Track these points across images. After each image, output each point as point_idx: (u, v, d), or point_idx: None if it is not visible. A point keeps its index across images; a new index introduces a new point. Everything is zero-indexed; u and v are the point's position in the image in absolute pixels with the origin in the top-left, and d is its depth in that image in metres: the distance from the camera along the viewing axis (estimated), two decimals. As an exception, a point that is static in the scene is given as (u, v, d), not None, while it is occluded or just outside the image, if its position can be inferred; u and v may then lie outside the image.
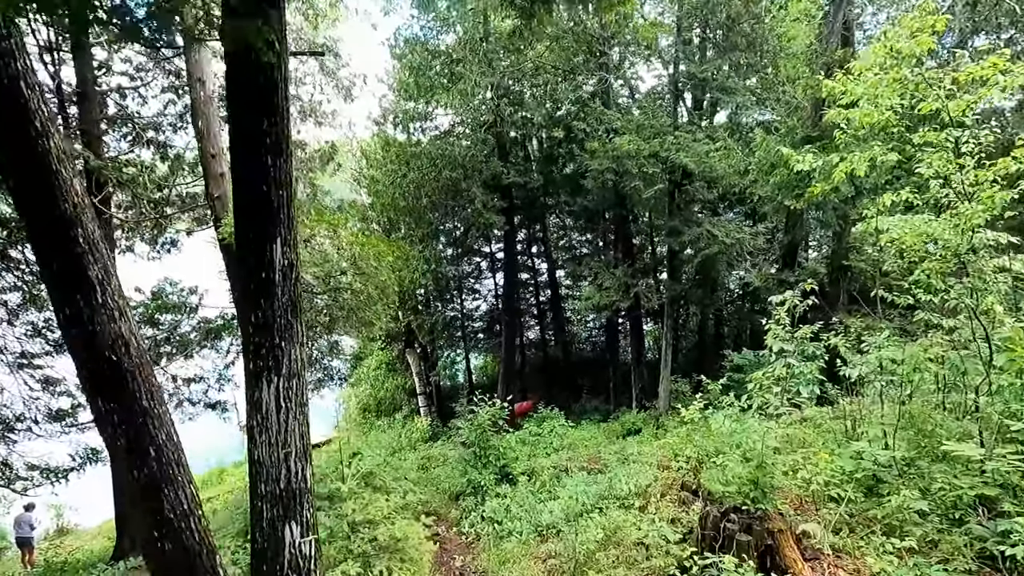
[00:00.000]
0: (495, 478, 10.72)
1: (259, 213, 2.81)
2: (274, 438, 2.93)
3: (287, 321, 2.93)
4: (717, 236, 14.41)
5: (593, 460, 12.13)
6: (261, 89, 2.72)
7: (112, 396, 2.92)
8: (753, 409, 7.57)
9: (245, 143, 2.78)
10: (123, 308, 3.03)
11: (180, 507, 3.04)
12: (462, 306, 27.10)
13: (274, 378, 2.92)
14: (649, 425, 16.94)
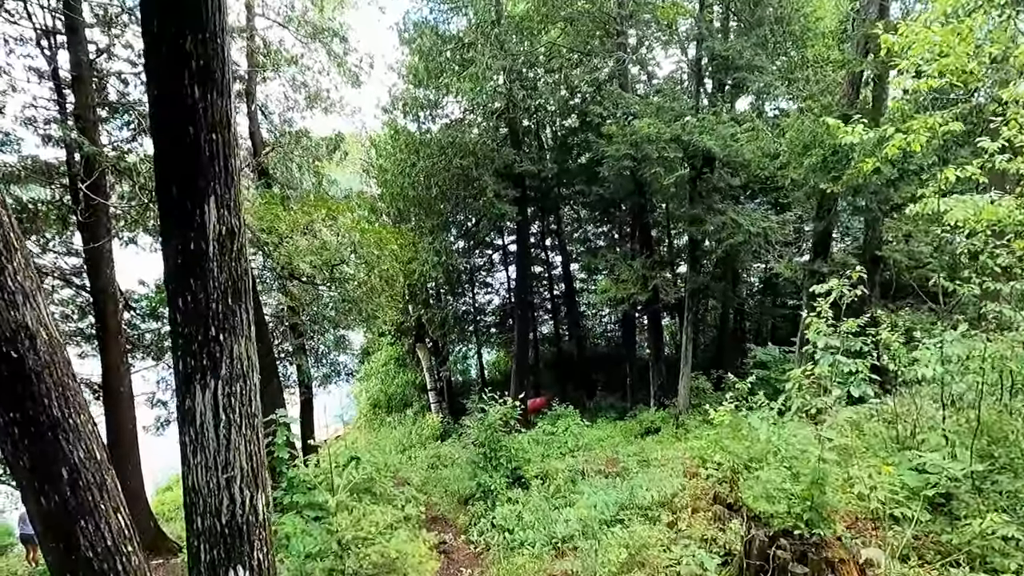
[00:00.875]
0: (506, 481, 10.04)
1: (184, 163, 2.10)
2: (212, 459, 2.25)
3: (227, 307, 2.24)
4: (742, 225, 13.59)
5: (611, 463, 11.41)
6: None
7: (11, 403, 2.27)
8: (792, 411, 6.80)
9: (162, 67, 2.08)
10: (30, 291, 2.36)
11: (102, 544, 2.38)
12: (474, 300, 26.44)
13: (210, 381, 2.23)
14: (668, 424, 16.17)
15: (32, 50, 13.63)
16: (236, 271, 2.30)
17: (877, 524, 4.99)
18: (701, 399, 16.94)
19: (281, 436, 6.34)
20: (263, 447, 2.53)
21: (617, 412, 20.68)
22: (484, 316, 27.53)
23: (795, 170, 10.11)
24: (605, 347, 31.19)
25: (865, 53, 10.41)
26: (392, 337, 25.22)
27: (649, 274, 16.42)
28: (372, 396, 27.97)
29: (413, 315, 23.52)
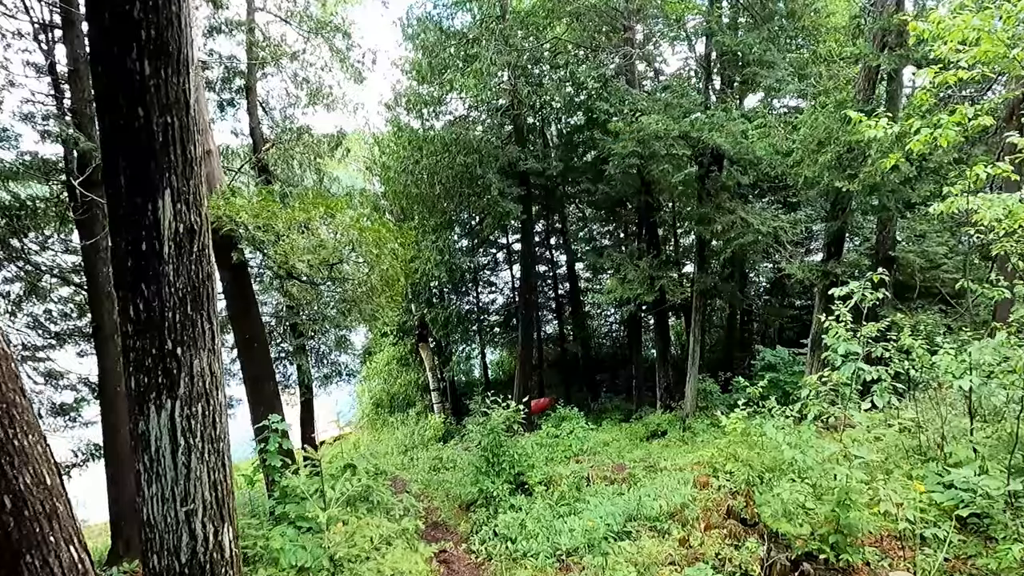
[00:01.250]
0: (509, 487, 9.75)
1: (133, 151, 1.80)
2: (169, 489, 1.96)
3: (185, 317, 1.94)
4: (752, 224, 13.25)
5: (618, 468, 11.11)
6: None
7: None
8: (809, 420, 6.49)
9: (105, 36, 1.79)
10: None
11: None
12: (478, 299, 26.15)
13: (167, 402, 1.94)
14: (675, 427, 15.86)
15: (30, 44, 13.44)
16: (197, 275, 2.00)
17: (904, 544, 4.67)
18: (708, 402, 16.62)
19: (273, 443, 6.06)
20: (231, 474, 2.24)
21: (622, 414, 20.38)
22: (488, 316, 27.24)
23: (809, 167, 9.77)
24: (610, 347, 30.87)
25: (882, 47, 10.05)
26: (395, 337, 24.96)
27: (656, 274, 16.09)
28: (375, 396, 27.72)
29: (416, 314, 23.25)
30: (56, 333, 15.99)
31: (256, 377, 9.16)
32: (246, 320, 8.98)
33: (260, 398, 9.19)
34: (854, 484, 4.06)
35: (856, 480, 4.08)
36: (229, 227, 8.18)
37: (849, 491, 4.05)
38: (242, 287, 8.83)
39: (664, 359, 17.98)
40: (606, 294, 16.06)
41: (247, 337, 8.98)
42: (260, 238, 8.11)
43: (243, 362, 9.34)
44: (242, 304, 8.90)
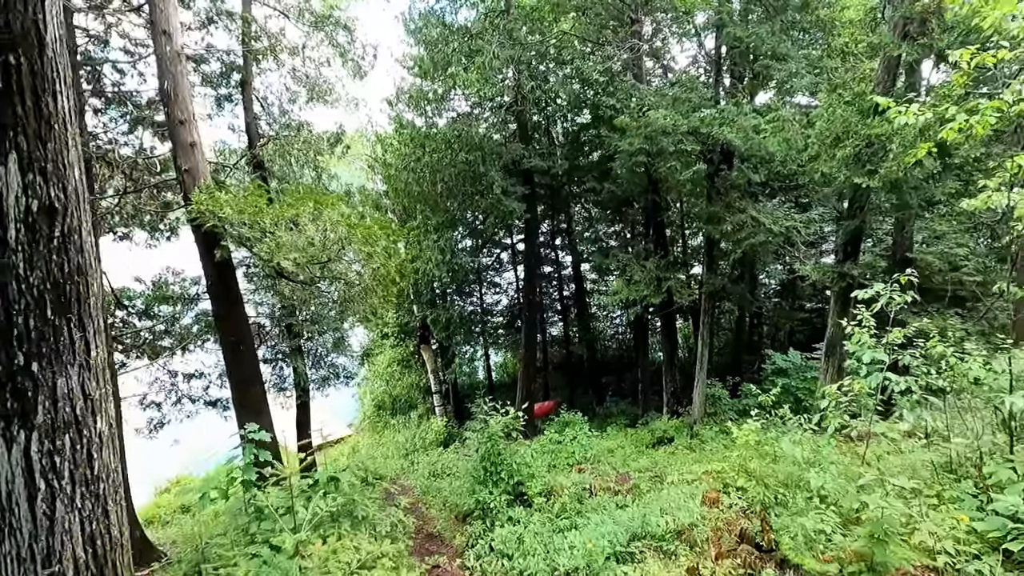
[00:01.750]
0: (507, 498, 9.27)
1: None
2: (26, 547, 1.50)
3: (43, 322, 1.48)
4: (763, 223, 12.73)
5: (622, 479, 10.61)
6: None
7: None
8: (829, 433, 5.99)
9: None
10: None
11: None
12: (482, 300, 25.70)
13: (19, 433, 1.47)
14: (682, 434, 15.33)
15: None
16: (62, 269, 1.53)
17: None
18: (717, 408, 16.10)
19: (248, 455, 5.61)
20: (123, 521, 1.77)
21: (628, 419, 19.86)
22: (492, 317, 26.78)
23: (826, 163, 9.24)
24: (616, 350, 30.37)
25: (903, 36, 9.52)
26: (395, 338, 24.55)
27: (663, 275, 15.57)
28: (377, 398, 27.34)
29: (418, 315, 22.83)
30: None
31: (243, 381, 8.73)
32: (231, 321, 8.55)
33: (246, 402, 8.77)
34: (891, 515, 3.56)
35: (894, 511, 3.57)
36: (212, 222, 7.76)
37: (885, 523, 3.55)
38: (227, 286, 8.41)
39: (671, 363, 17.45)
40: (612, 295, 15.56)
41: (233, 339, 8.55)
42: (245, 235, 7.67)
43: (228, 365, 8.92)
44: (227, 304, 8.48)
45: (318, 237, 7.48)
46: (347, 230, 7.50)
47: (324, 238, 7.70)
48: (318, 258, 7.98)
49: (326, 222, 7.52)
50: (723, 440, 14.05)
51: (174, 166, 8.35)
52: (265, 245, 7.49)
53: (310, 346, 16.07)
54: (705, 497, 7.00)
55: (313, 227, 7.51)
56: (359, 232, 7.74)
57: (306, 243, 7.71)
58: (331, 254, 7.97)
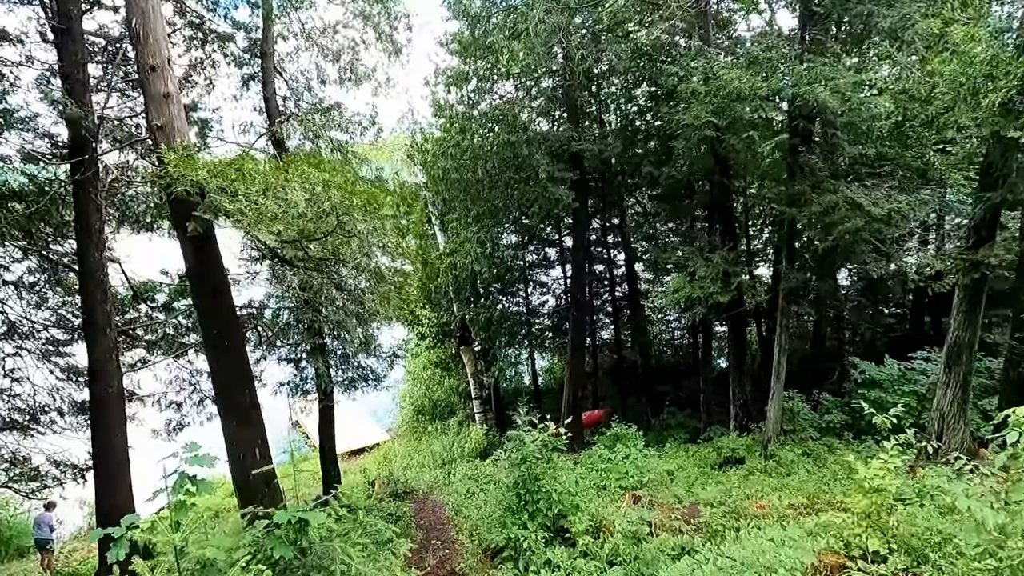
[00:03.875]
0: (545, 535, 7.49)
1: None
2: None
3: None
4: (862, 205, 10.53)
5: (689, 512, 8.65)
6: None
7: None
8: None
9: None
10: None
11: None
12: (527, 300, 23.93)
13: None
14: (754, 454, 13.17)
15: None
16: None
17: None
18: (795, 424, 13.83)
19: (180, 485, 4.05)
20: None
21: (687, 432, 17.74)
22: (538, 318, 25.00)
23: (967, 113, 7.10)
24: (671, 356, 28.09)
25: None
26: (433, 339, 23.08)
27: (732, 270, 13.48)
28: (416, 402, 26.02)
29: (457, 314, 21.29)
30: (80, 327, 14.73)
31: (227, 385, 7.27)
32: (214, 310, 7.10)
33: (233, 409, 7.30)
34: None
35: None
36: (183, 187, 6.30)
37: None
38: (207, 267, 6.96)
39: (740, 371, 15.25)
40: (671, 294, 13.55)
41: (215, 332, 7.11)
42: (221, 203, 6.16)
43: (211, 364, 7.51)
44: (208, 289, 7.03)
45: (303, 203, 5.90)
46: (340, 194, 5.90)
47: (315, 206, 6.13)
48: (310, 232, 6.41)
49: (313, 184, 5.94)
50: (807, 464, 11.86)
51: (146, 122, 7.00)
52: (242, 212, 5.97)
53: (337, 346, 14.71)
54: (820, 561, 5.02)
55: (299, 189, 5.93)
56: (358, 199, 6.13)
57: (295, 214, 6.16)
58: (326, 226, 6.39)
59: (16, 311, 14.37)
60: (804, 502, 9.26)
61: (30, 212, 13.39)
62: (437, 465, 19.49)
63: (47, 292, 14.86)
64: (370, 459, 22.24)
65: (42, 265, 14.46)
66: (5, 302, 14.21)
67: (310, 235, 6.44)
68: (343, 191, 5.92)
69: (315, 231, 6.44)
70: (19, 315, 14.42)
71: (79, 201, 10.81)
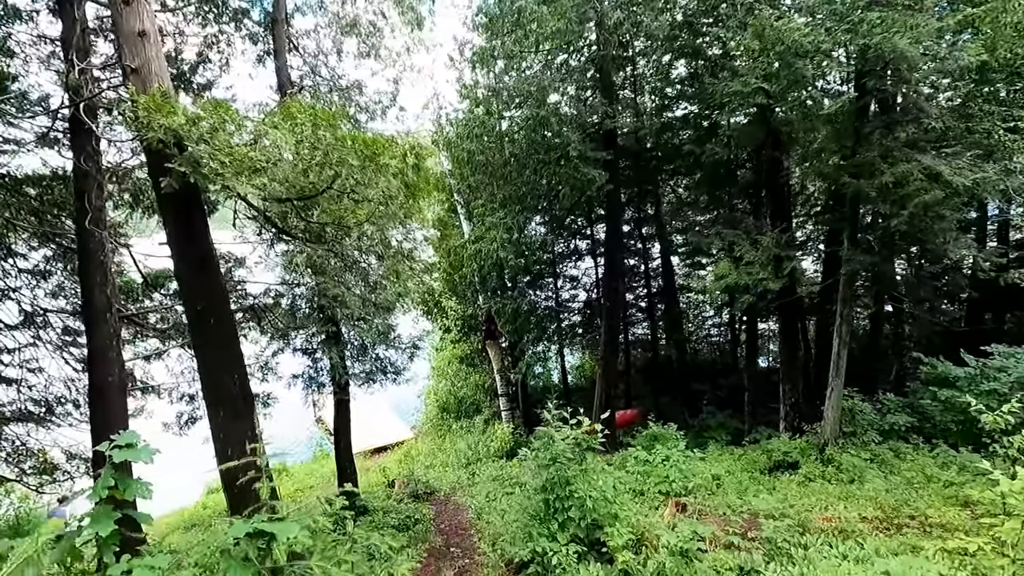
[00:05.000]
0: (577, 549, 6.38)
1: None
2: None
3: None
4: (941, 175, 9.15)
5: (747, 525, 7.45)
6: None
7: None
8: None
9: None
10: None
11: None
12: (556, 294, 22.76)
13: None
14: (809, 458, 11.81)
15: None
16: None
17: None
18: (855, 425, 12.41)
19: (98, 491, 3.08)
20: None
21: (729, 434, 16.38)
22: (568, 314, 23.82)
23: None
24: (707, 353, 26.64)
25: None
26: (459, 332, 22.10)
27: (784, 254, 12.16)
28: (441, 399, 25.11)
29: (483, 306, 20.27)
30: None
31: (213, 370, 6.34)
32: (198, 282, 6.18)
33: (219, 399, 6.37)
34: None
35: None
36: (157, 137, 5.38)
37: None
38: (189, 231, 6.04)
39: (791, 367, 13.87)
40: (716, 281, 12.28)
41: (199, 309, 6.18)
42: (198, 155, 5.22)
43: (195, 346, 6.60)
44: (190, 258, 6.11)
45: (289, 148, 4.92)
46: (331, 136, 4.90)
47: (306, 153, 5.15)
48: (302, 188, 5.43)
49: (301, 129, 4.96)
50: (873, 470, 10.48)
51: (119, 66, 6.12)
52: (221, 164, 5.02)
53: (354, 336, 13.82)
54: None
55: (285, 131, 4.95)
56: (355, 149, 5.13)
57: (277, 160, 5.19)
58: (318, 182, 5.40)
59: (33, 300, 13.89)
60: (878, 515, 7.97)
61: (44, 198, 12.91)
62: (461, 465, 18.51)
63: (64, 281, 14.37)
64: (392, 457, 21.39)
65: (58, 253, 13.96)
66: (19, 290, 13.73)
67: (302, 192, 5.45)
68: (333, 131, 4.92)
69: (307, 188, 5.45)
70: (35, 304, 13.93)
71: (78, 176, 10.11)
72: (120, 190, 13.96)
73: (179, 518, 17.49)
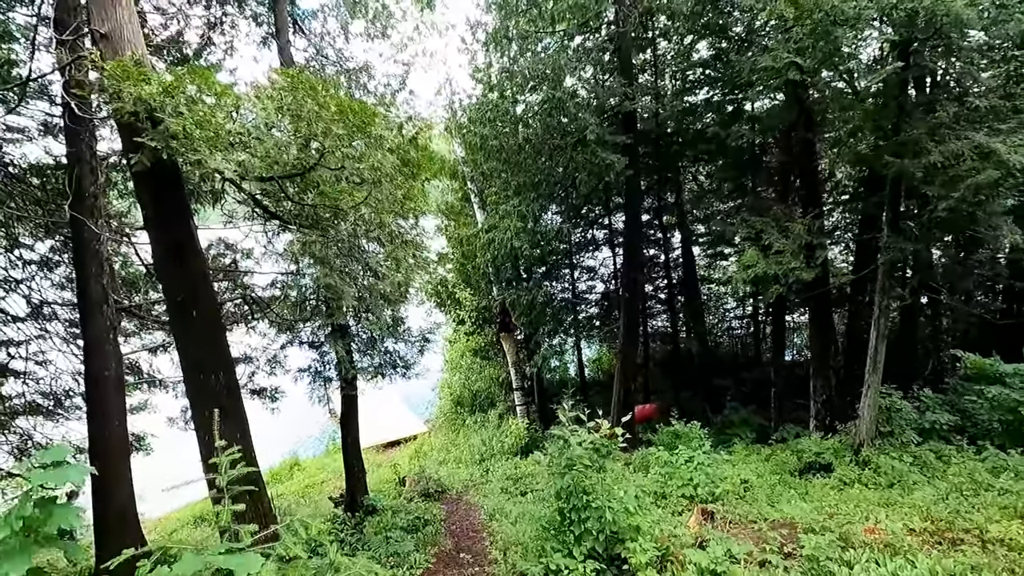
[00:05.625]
0: (595, 567, 5.75)
1: None
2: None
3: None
4: (995, 153, 8.33)
5: (786, 540, 6.76)
6: None
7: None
8: None
9: None
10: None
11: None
12: (573, 285, 22.06)
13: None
14: (843, 459, 11.07)
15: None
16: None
17: None
18: (892, 425, 11.61)
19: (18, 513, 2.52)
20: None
21: (754, 431, 15.65)
22: (585, 306, 23.12)
23: None
24: (729, 347, 25.83)
25: None
26: (473, 324, 21.52)
27: (817, 242, 11.39)
28: (455, 392, 24.59)
29: (497, 298, 19.65)
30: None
31: (196, 365, 5.80)
32: (177, 269, 5.64)
33: (203, 397, 5.83)
34: None
35: None
36: (128, 110, 4.82)
37: None
38: (167, 212, 5.49)
39: (822, 362, 13.08)
40: (743, 271, 11.51)
41: (179, 299, 5.64)
42: (171, 127, 4.65)
43: (176, 339, 6.06)
44: (168, 243, 5.56)
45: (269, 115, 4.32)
46: (315, 105, 4.28)
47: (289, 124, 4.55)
48: (284, 165, 4.84)
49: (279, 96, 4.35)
50: (914, 473, 9.72)
51: (88, 30, 5.56)
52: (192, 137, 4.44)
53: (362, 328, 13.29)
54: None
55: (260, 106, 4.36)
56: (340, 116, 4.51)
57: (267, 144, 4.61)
58: (305, 159, 4.81)
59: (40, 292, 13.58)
60: (928, 527, 7.24)
61: (47, 187, 12.55)
62: (474, 461, 17.98)
63: (71, 272, 14.04)
64: (404, 452, 20.94)
65: (63, 244, 13.61)
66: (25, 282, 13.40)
67: (287, 169, 4.86)
68: (314, 97, 4.30)
69: (293, 165, 4.86)
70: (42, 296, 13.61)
71: (71, 161, 9.65)
72: (124, 179, 13.58)
73: (188, 513, 17.18)
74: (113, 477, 9.94)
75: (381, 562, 8.80)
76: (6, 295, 12.87)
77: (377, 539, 9.81)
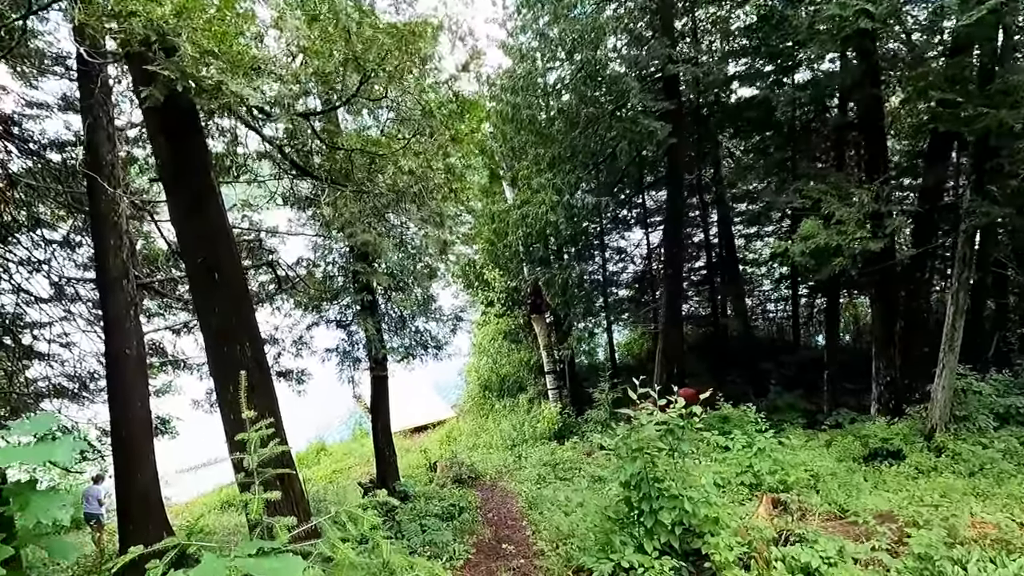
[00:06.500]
0: (672, 564, 5.01)
1: None
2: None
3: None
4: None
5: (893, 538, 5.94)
6: None
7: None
8: None
9: None
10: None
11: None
12: (604, 267, 21.18)
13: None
14: (913, 445, 10.16)
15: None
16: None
17: None
18: (967, 409, 10.63)
19: None
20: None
21: (802, 415, 14.75)
22: (616, 289, 22.26)
23: None
24: (765, 329, 24.75)
25: None
26: (502, 305, 20.80)
27: (885, 209, 10.42)
28: (482, 376, 23.96)
29: (528, 278, 18.88)
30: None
31: (220, 335, 5.14)
32: (195, 228, 4.97)
33: (227, 371, 5.18)
34: None
35: None
36: (136, 35, 4.12)
37: None
38: (185, 159, 4.82)
39: (887, 342, 12.11)
40: (801, 242, 10.57)
41: (199, 261, 4.98)
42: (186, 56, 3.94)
43: (196, 306, 5.43)
44: (188, 195, 4.89)
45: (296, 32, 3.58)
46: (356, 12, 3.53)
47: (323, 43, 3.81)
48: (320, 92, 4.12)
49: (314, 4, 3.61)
50: (1000, 461, 8.79)
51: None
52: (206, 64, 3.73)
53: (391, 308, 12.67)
54: None
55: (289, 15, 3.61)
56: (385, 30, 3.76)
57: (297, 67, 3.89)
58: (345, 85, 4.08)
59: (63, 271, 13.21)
60: None
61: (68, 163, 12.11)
62: (506, 447, 17.35)
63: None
64: (434, 437, 20.41)
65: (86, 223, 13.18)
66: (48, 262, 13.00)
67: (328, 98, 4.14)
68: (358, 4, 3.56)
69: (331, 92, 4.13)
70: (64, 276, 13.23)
71: (87, 128, 9.10)
72: (146, 155, 13.09)
73: (216, 497, 16.84)
74: (136, 460, 9.47)
75: (417, 551, 8.21)
76: (31, 275, 12.50)
77: (412, 527, 9.21)
